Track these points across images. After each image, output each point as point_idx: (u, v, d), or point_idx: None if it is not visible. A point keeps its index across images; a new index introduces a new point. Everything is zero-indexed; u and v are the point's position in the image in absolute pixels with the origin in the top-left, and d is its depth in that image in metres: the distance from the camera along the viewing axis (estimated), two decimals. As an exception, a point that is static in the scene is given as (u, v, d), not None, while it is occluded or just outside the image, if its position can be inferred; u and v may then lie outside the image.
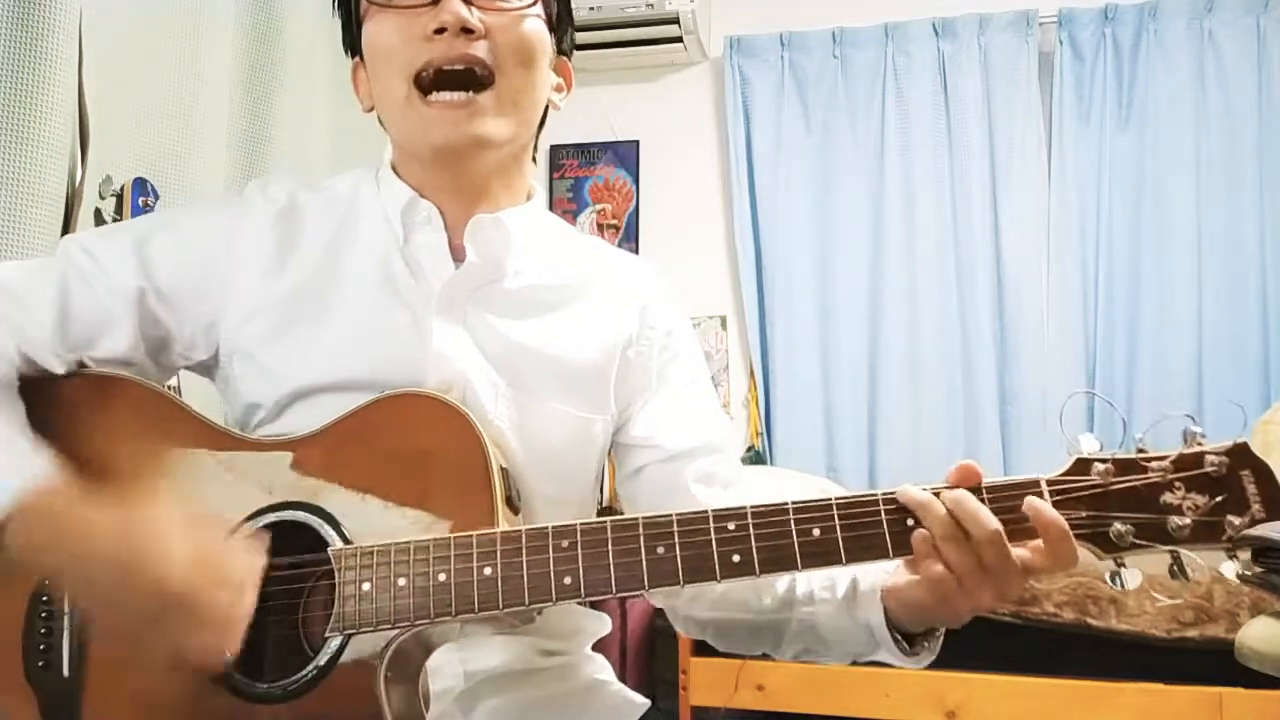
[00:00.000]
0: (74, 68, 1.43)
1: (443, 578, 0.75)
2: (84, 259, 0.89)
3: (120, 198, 1.53)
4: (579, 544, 0.75)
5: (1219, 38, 2.90)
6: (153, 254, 0.90)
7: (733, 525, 0.75)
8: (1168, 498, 0.71)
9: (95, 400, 0.86)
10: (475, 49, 0.87)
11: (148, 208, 1.53)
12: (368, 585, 0.75)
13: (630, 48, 3.22)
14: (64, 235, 1.43)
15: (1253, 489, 0.70)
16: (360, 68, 0.96)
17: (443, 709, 0.86)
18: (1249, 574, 1.49)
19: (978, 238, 3.02)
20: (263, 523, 0.81)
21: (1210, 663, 1.92)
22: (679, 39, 3.19)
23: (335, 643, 0.76)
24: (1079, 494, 0.72)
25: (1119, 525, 0.71)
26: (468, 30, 0.86)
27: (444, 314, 0.90)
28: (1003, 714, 2.08)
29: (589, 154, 3.40)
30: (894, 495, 0.75)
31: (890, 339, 3.05)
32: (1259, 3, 2.88)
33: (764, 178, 3.20)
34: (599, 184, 3.40)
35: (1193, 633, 1.97)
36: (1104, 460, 0.73)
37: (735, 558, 0.74)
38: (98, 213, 1.52)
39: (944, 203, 3.05)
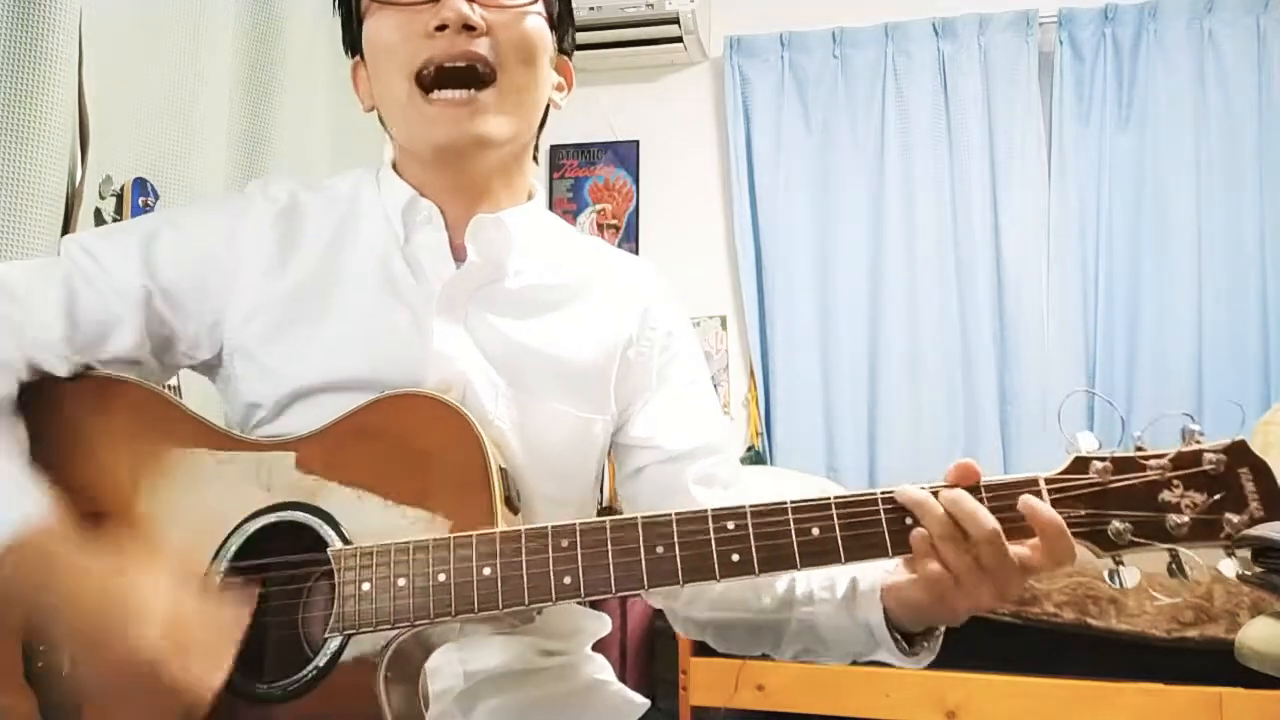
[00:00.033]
0: (74, 68, 1.43)
1: (442, 578, 0.74)
2: (87, 260, 0.89)
3: (120, 198, 1.53)
4: (578, 544, 0.75)
5: (1219, 38, 2.90)
6: (156, 253, 0.90)
7: (732, 524, 0.75)
8: (1166, 496, 0.71)
9: (94, 402, 0.86)
10: (477, 46, 0.87)
11: (148, 208, 1.53)
12: (367, 585, 0.75)
13: (630, 48, 3.22)
14: (64, 235, 1.43)
15: (1251, 487, 0.70)
16: (360, 67, 0.96)
17: (442, 709, 0.86)
18: (1249, 574, 1.49)
19: (978, 238, 3.02)
20: (261, 524, 0.80)
21: (1210, 663, 1.92)
22: (679, 39, 3.19)
23: (335, 643, 0.76)
24: (1077, 492, 0.72)
25: (1117, 523, 0.71)
26: (469, 27, 0.86)
27: (444, 314, 0.90)
28: (1003, 714, 2.08)
29: (589, 154, 3.40)
30: (892, 494, 0.74)
31: (890, 339, 3.05)
32: (1259, 3, 2.88)
33: (764, 178, 3.20)
34: (599, 184, 3.40)
35: (1193, 633, 1.97)
36: (1102, 459, 0.73)
37: (734, 557, 0.74)
38: (98, 213, 1.51)
39: (944, 203, 3.05)
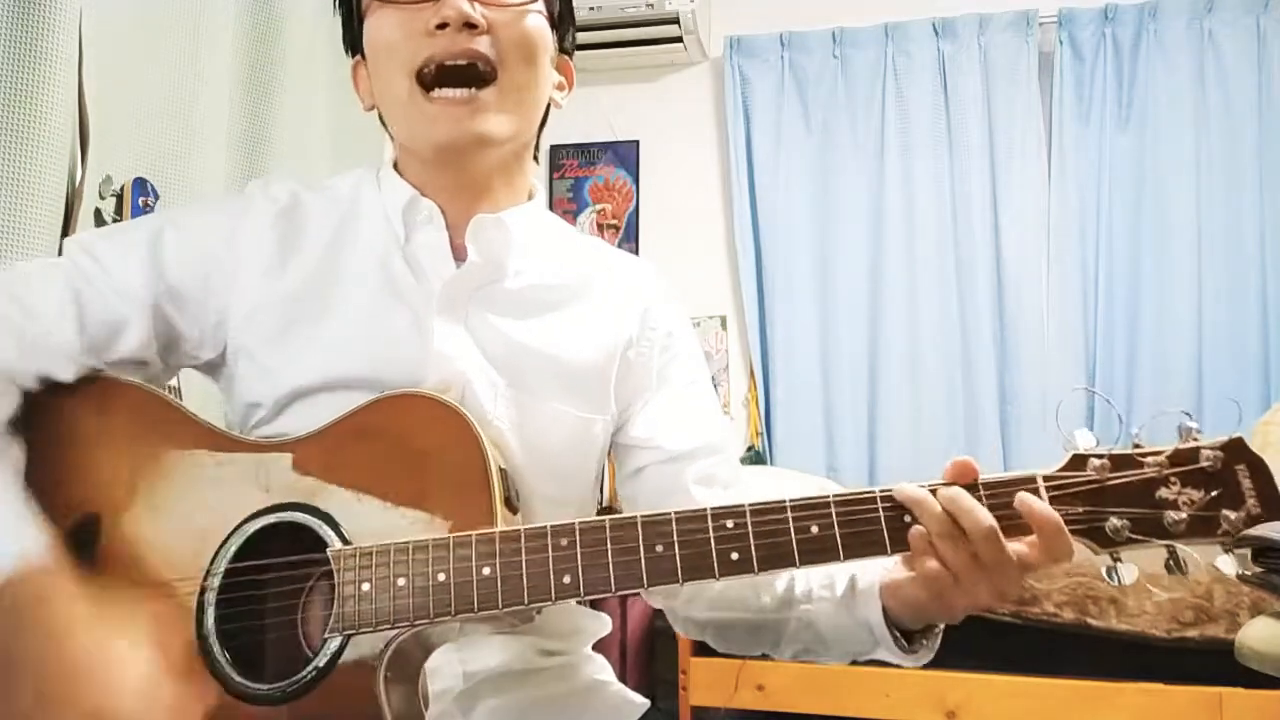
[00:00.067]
0: (74, 68, 1.43)
1: (442, 578, 0.74)
2: (90, 263, 0.89)
3: (120, 198, 1.53)
4: (578, 543, 0.75)
5: (1219, 38, 2.91)
6: (160, 254, 0.90)
7: (731, 523, 0.75)
8: (1163, 493, 0.71)
9: (93, 404, 0.86)
10: (478, 44, 0.87)
11: (148, 208, 1.53)
12: (367, 585, 0.75)
13: (630, 48, 3.22)
14: (64, 235, 1.43)
15: (1248, 483, 0.70)
16: (361, 66, 0.96)
17: (442, 709, 0.86)
18: (1249, 574, 1.49)
19: (978, 238, 3.02)
20: (260, 525, 0.80)
21: (1210, 663, 1.91)
22: (679, 39, 3.19)
23: (335, 643, 0.76)
24: (1075, 490, 0.72)
25: (1115, 520, 0.71)
26: (470, 25, 0.86)
27: (445, 313, 0.90)
28: (1003, 714, 2.08)
29: (589, 154, 3.40)
30: (891, 492, 0.75)
31: (890, 339, 3.05)
32: (1259, 3, 2.88)
33: (764, 178, 3.20)
34: (599, 184, 3.40)
35: (1193, 633, 1.97)
36: (1100, 456, 0.73)
37: (734, 555, 0.74)
38: (98, 213, 1.51)
39: (944, 203, 3.05)
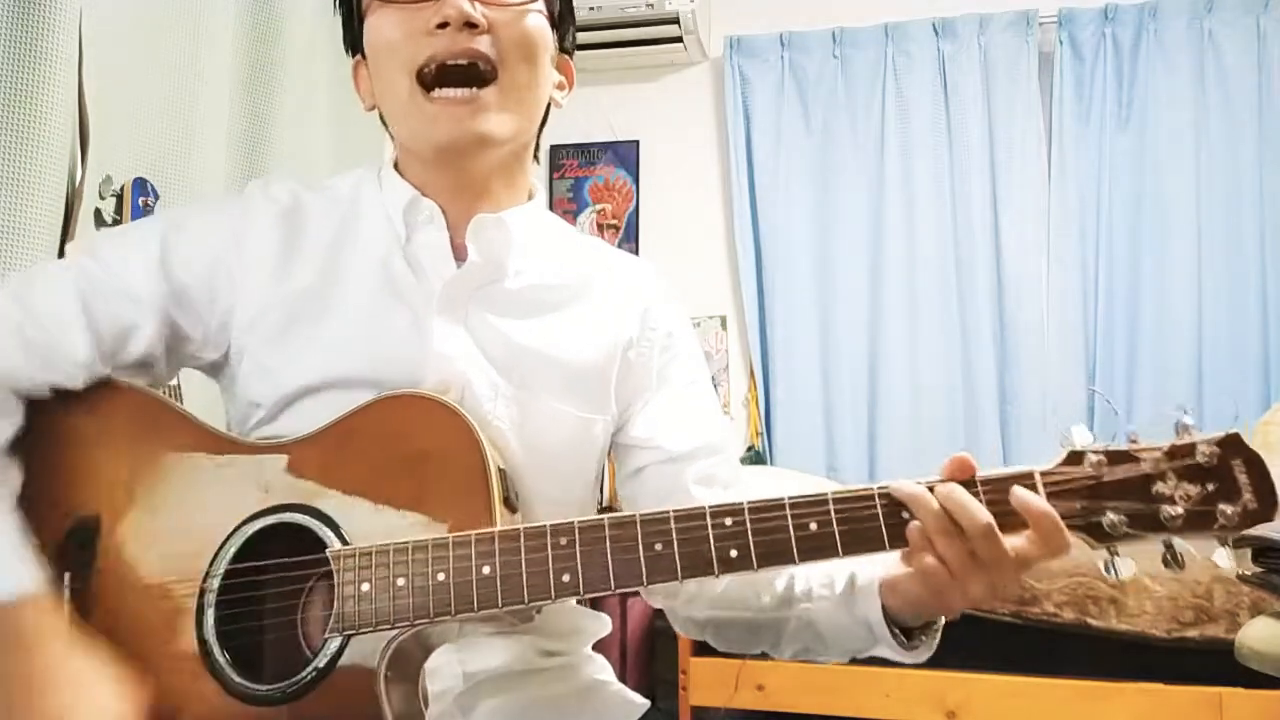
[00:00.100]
0: (74, 68, 1.43)
1: (441, 577, 0.74)
2: (98, 268, 0.88)
3: (120, 198, 1.53)
4: (577, 541, 0.75)
5: (1219, 38, 2.91)
6: (167, 258, 0.89)
7: (730, 520, 0.75)
8: (1160, 487, 0.71)
9: (92, 407, 0.86)
10: (478, 44, 0.87)
11: (148, 208, 1.53)
12: (366, 586, 0.75)
13: (630, 48, 3.22)
14: (64, 235, 1.43)
15: (1244, 478, 0.71)
16: (361, 66, 0.96)
17: (442, 709, 0.86)
18: (1249, 574, 1.49)
19: (978, 238, 3.02)
20: (260, 526, 0.80)
21: (1210, 663, 1.91)
22: (679, 39, 3.19)
23: (335, 644, 0.76)
24: (1072, 485, 0.73)
25: (1112, 515, 0.71)
26: (471, 25, 0.86)
27: (445, 313, 0.90)
28: (1003, 714, 2.08)
29: (589, 154, 3.40)
30: (889, 489, 0.75)
31: (890, 339, 3.05)
32: (1259, 3, 2.88)
33: (764, 178, 3.20)
34: (599, 184, 3.40)
35: (1193, 633, 1.97)
36: (1096, 452, 0.73)
37: (733, 553, 0.74)
38: (98, 213, 1.51)
39: (944, 202, 3.06)
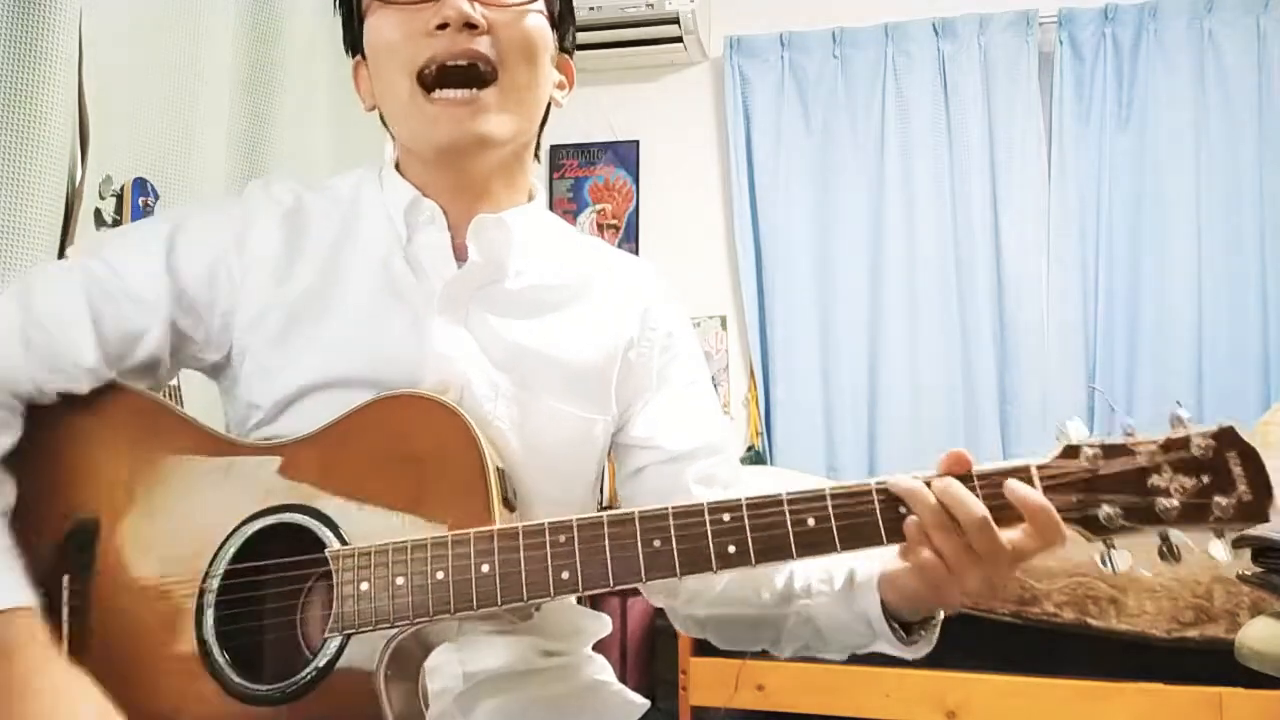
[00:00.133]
0: (74, 67, 1.43)
1: (441, 576, 0.74)
2: (105, 272, 0.88)
3: (120, 198, 1.53)
4: (575, 539, 0.75)
5: (1219, 38, 2.91)
6: (173, 260, 0.89)
7: (728, 517, 0.75)
8: (1155, 480, 0.72)
9: (92, 408, 0.86)
10: (478, 44, 0.87)
11: (148, 208, 1.53)
12: (366, 585, 0.75)
13: (630, 48, 3.22)
14: (64, 235, 1.43)
15: (1239, 470, 0.71)
16: (361, 66, 0.96)
17: (442, 709, 0.85)
18: (1249, 574, 1.49)
19: (978, 238, 3.03)
20: (259, 526, 0.81)
21: (1210, 663, 1.91)
22: (679, 39, 3.19)
23: (334, 643, 0.76)
24: (1068, 478, 0.73)
25: (1108, 508, 0.72)
26: (471, 25, 0.86)
27: (445, 314, 0.90)
28: (1003, 714, 2.08)
29: (589, 154, 3.40)
30: (886, 484, 0.75)
31: (890, 339, 3.05)
32: (1259, 3, 2.89)
33: (764, 178, 3.20)
34: (599, 184, 3.40)
35: (1193, 633, 1.97)
36: (1092, 445, 0.74)
37: (731, 549, 0.75)
38: (98, 213, 1.52)
39: (944, 202, 3.06)
